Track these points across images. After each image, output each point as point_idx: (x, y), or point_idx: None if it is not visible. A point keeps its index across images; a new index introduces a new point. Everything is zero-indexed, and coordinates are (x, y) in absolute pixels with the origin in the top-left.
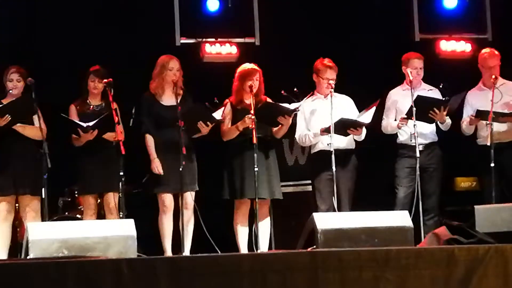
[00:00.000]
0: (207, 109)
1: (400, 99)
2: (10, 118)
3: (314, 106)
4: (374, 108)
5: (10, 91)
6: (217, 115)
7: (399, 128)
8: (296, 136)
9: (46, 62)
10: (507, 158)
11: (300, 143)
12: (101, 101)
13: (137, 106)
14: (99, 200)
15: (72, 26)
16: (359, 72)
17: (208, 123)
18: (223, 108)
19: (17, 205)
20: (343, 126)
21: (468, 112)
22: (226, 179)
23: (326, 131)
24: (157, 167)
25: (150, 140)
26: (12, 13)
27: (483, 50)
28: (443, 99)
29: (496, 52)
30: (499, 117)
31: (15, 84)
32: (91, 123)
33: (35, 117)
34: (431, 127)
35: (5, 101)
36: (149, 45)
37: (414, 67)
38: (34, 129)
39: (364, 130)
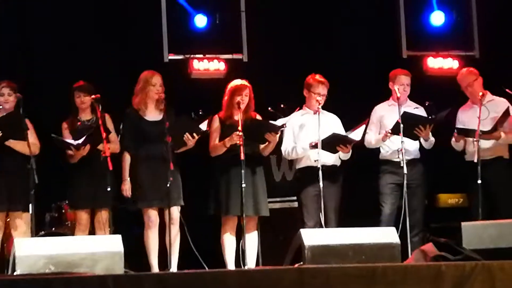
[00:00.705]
0: (193, 121)
1: (385, 114)
2: (1, 134)
3: (303, 121)
4: (363, 127)
5: (1, 107)
6: (203, 126)
7: (383, 141)
8: (282, 148)
9: (36, 77)
10: (491, 174)
11: (285, 156)
12: (91, 115)
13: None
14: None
15: (61, 42)
16: (346, 88)
17: (194, 134)
18: (208, 120)
19: (8, 219)
20: (333, 142)
21: None
22: (212, 195)
23: (315, 146)
24: (127, 190)
25: (126, 158)
26: (2, 28)
27: (460, 71)
28: (429, 117)
29: (471, 69)
30: (482, 134)
31: (7, 99)
32: (80, 141)
33: (28, 132)
34: (415, 144)
35: None
36: (137, 61)
37: (401, 83)
38: (26, 145)
39: (350, 149)
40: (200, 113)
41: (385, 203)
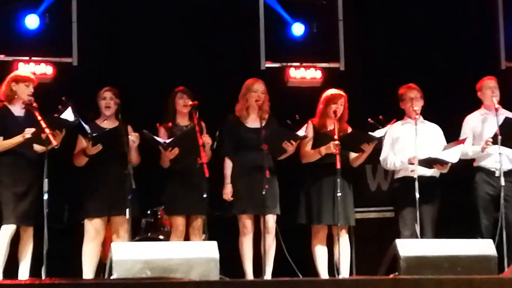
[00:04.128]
0: (290, 129)
1: (479, 124)
2: (101, 148)
3: (402, 131)
4: (461, 145)
5: (105, 112)
6: (300, 132)
7: (482, 151)
8: (381, 158)
9: (130, 85)
10: None
11: (383, 165)
12: (189, 122)
13: (221, 128)
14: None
15: (158, 50)
16: (445, 100)
17: (292, 142)
18: (306, 125)
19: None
20: (429, 162)
21: None
22: (303, 203)
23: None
24: (228, 193)
25: (228, 164)
26: (96, 36)
27: None
28: None
29: None
30: None
31: (109, 103)
32: (167, 140)
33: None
34: (511, 154)
35: (98, 121)
36: (234, 69)
37: (488, 87)
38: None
39: (449, 164)
40: (297, 118)
41: (484, 214)
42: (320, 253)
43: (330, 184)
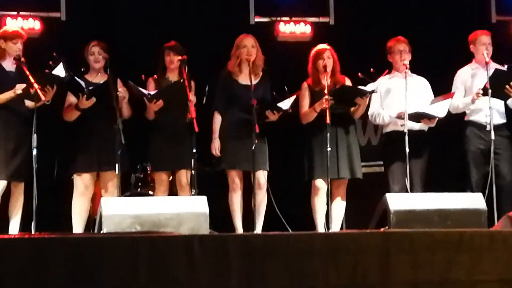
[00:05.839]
0: (276, 100)
1: (469, 78)
2: (95, 101)
3: (390, 85)
4: (449, 100)
5: (95, 66)
6: (287, 104)
7: (473, 102)
8: (369, 112)
9: (122, 39)
10: None
11: (371, 120)
12: (179, 77)
13: (213, 84)
14: (171, 177)
15: (148, 4)
16: (434, 53)
17: (275, 112)
18: (293, 97)
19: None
20: (417, 117)
21: None
22: (306, 159)
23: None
24: (216, 148)
25: (217, 118)
26: None
27: None
28: None
29: None
30: None
31: (97, 58)
32: (152, 92)
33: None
34: (502, 108)
35: (88, 77)
36: (223, 24)
37: (482, 43)
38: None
39: (436, 119)
40: (285, 89)
41: (473, 168)
42: (320, 206)
43: (332, 138)
